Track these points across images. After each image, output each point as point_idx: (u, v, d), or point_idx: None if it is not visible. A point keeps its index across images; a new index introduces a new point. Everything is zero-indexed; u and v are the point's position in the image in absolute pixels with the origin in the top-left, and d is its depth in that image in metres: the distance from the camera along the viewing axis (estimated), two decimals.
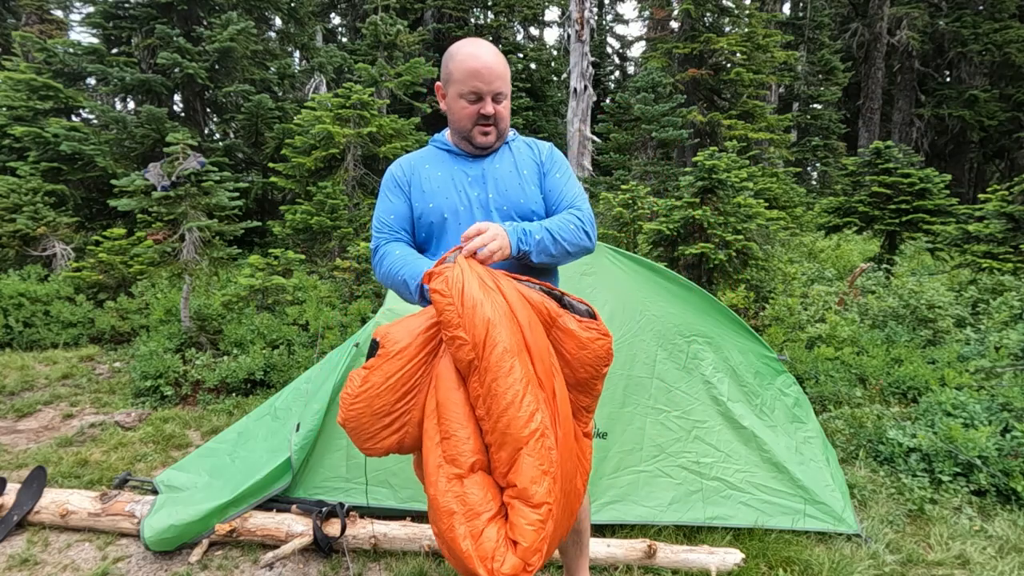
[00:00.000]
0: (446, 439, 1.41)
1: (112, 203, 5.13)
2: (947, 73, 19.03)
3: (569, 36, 11.76)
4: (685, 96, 11.37)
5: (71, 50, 8.76)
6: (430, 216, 1.67)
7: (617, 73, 23.56)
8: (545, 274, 1.70)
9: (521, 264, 1.62)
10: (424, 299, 1.59)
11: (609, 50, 23.31)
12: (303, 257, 6.11)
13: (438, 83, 1.71)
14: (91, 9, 9.26)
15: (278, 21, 12.04)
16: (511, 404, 1.35)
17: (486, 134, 1.65)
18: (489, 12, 16.27)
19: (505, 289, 1.46)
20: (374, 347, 1.51)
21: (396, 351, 1.47)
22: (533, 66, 16.11)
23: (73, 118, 9.10)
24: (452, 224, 1.65)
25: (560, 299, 1.58)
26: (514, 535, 1.34)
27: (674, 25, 13.46)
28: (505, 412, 1.35)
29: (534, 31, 20.25)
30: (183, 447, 3.55)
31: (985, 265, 6.18)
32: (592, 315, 1.58)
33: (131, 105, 10.37)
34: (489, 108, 1.62)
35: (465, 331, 1.37)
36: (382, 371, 1.46)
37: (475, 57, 1.60)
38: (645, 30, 17.16)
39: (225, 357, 4.67)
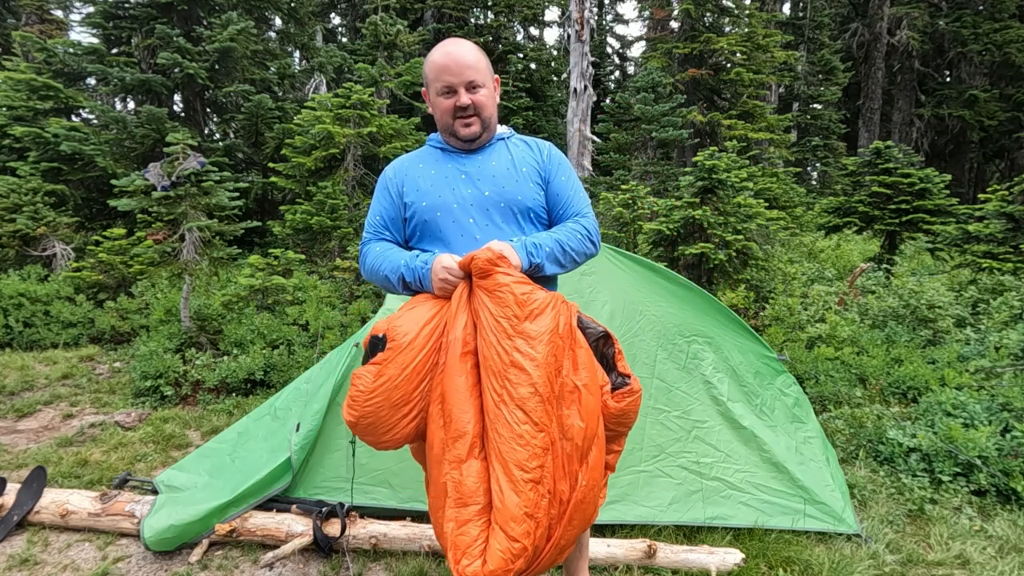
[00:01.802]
0: (448, 422, 1.44)
1: (112, 203, 5.13)
2: (947, 73, 19.03)
3: (569, 36, 11.76)
4: (685, 96, 11.37)
5: (71, 50, 8.76)
6: (424, 214, 1.67)
7: (617, 73, 23.56)
8: (544, 281, 1.69)
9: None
10: (408, 289, 1.65)
11: (609, 50, 23.31)
12: (303, 257, 6.11)
13: (423, 89, 1.72)
14: (91, 9, 9.26)
15: (278, 21, 12.05)
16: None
17: (468, 125, 1.65)
18: (489, 12, 16.27)
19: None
20: (377, 343, 1.52)
21: (407, 342, 1.49)
22: (533, 66, 16.09)
23: (73, 118, 9.10)
24: (445, 221, 1.65)
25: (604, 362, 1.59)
26: (486, 552, 1.36)
27: (674, 25, 13.47)
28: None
29: (534, 31, 20.25)
30: (183, 447, 3.55)
31: (985, 265, 6.18)
32: (627, 382, 1.59)
33: (131, 105, 10.37)
34: (464, 99, 1.62)
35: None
36: (397, 363, 1.48)
37: (443, 54, 1.62)
38: (645, 30, 17.17)
39: (225, 357, 4.67)
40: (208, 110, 9.85)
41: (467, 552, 1.36)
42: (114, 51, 9.26)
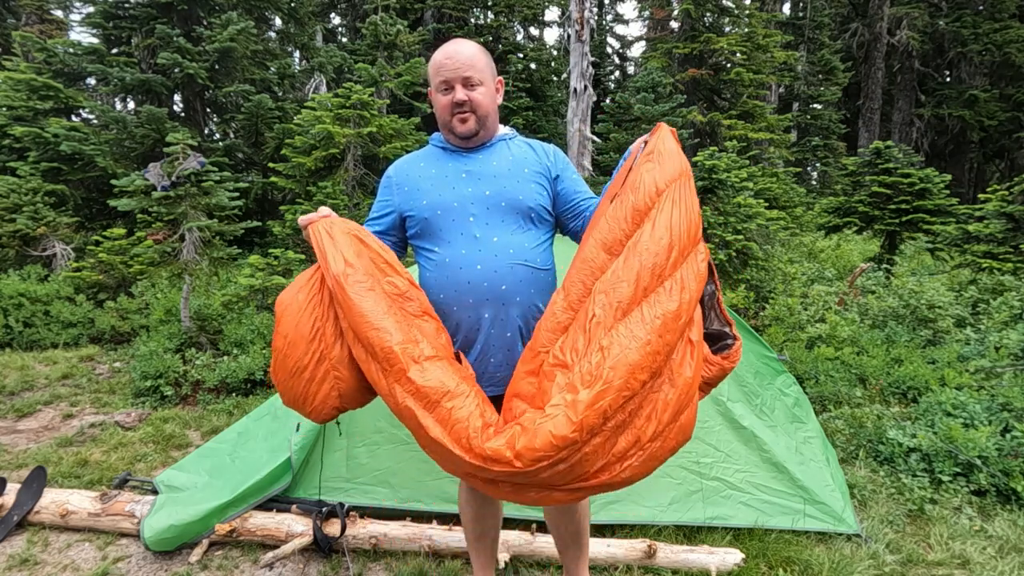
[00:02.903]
0: (372, 349, 1.42)
1: (112, 203, 5.12)
2: (947, 73, 19.03)
3: (569, 36, 11.75)
4: (685, 96, 11.37)
5: (71, 50, 8.76)
6: (423, 212, 1.67)
7: (617, 73, 23.54)
8: (545, 274, 1.69)
9: (529, 270, 1.64)
10: None
11: (609, 50, 23.29)
12: (303, 257, 6.10)
13: (429, 89, 1.75)
14: (91, 9, 9.26)
15: (278, 21, 12.04)
16: None
17: (464, 121, 1.66)
18: (489, 12, 16.26)
19: None
20: None
21: (281, 312, 1.52)
22: (533, 66, 16.08)
23: (73, 118, 9.09)
24: (445, 220, 1.65)
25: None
26: (504, 425, 1.31)
27: (674, 25, 13.46)
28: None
29: (534, 31, 20.24)
30: (183, 447, 3.55)
31: (985, 265, 6.18)
32: (729, 339, 1.54)
33: (131, 105, 10.37)
34: (460, 95, 1.63)
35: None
36: (279, 334, 1.51)
37: (444, 52, 1.66)
38: (645, 30, 17.17)
39: (225, 357, 4.67)
40: (208, 110, 9.85)
41: (469, 433, 1.29)
42: (114, 51, 9.26)
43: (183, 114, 9.65)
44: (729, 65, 12.29)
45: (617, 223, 1.44)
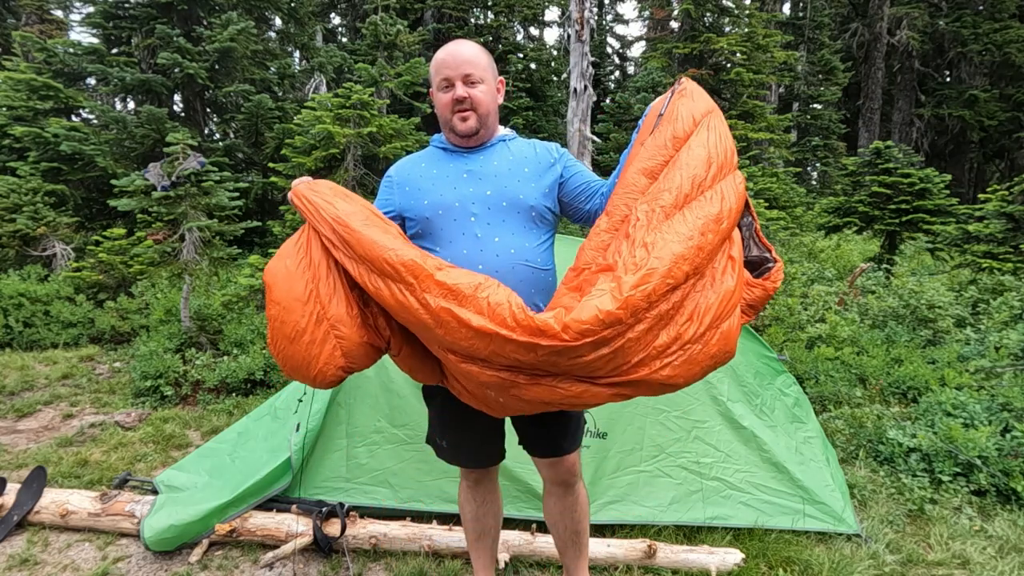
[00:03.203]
0: (391, 268, 1.40)
1: (112, 203, 5.13)
2: (947, 73, 19.03)
3: (569, 36, 11.75)
4: None
5: (71, 50, 8.76)
6: (424, 212, 1.67)
7: (617, 73, 23.54)
8: (544, 272, 1.69)
9: (530, 270, 1.64)
10: None
11: (609, 50, 23.30)
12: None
13: (431, 89, 1.75)
14: (91, 9, 9.26)
15: (278, 21, 12.04)
16: None
17: (464, 119, 1.67)
18: (489, 12, 16.26)
19: None
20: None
21: (271, 280, 1.52)
22: (533, 66, 16.08)
23: (73, 118, 9.10)
24: (446, 220, 1.65)
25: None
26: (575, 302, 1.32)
27: (674, 25, 13.47)
28: None
29: (534, 31, 20.24)
30: (183, 447, 3.55)
31: (985, 265, 6.18)
32: (770, 262, 1.56)
33: (131, 105, 10.37)
34: (461, 91, 1.64)
35: None
36: (272, 301, 1.51)
37: (444, 51, 1.68)
38: (645, 30, 17.18)
39: (225, 357, 4.67)
40: (208, 110, 9.85)
41: (513, 310, 1.30)
42: (114, 51, 9.26)
43: (183, 114, 9.65)
44: (729, 65, 12.29)
45: (658, 150, 1.49)
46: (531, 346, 1.28)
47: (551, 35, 29.52)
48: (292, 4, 11.01)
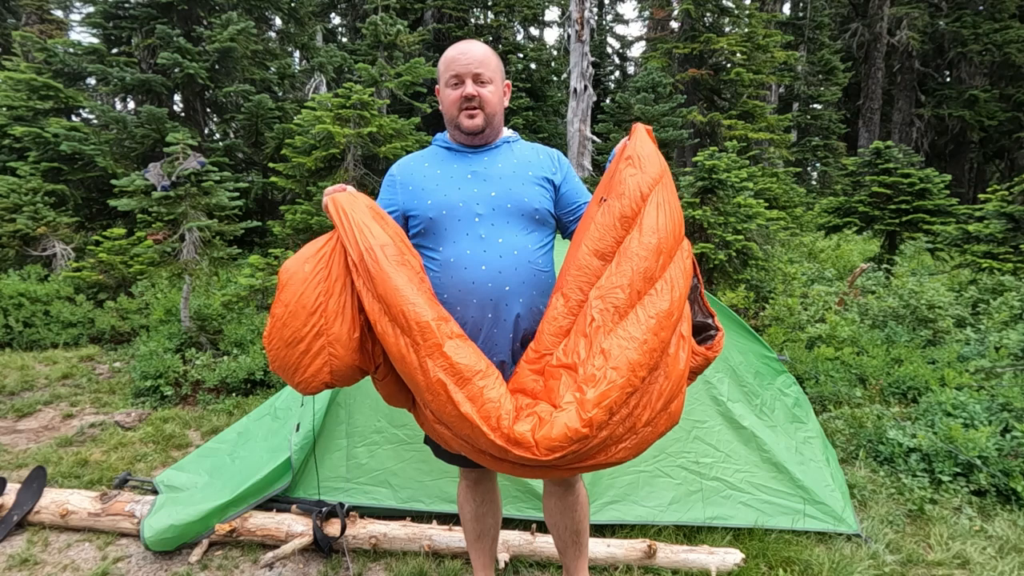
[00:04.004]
0: (404, 321, 1.42)
1: (112, 203, 5.13)
2: (947, 73, 19.04)
3: (569, 36, 11.75)
4: (685, 96, 11.38)
5: (71, 50, 8.77)
6: (428, 212, 1.67)
7: (617, 73, 23.55)
8: (544, 276, 1.70)
9: (533, 271, 1.65)
10: None
11: (609, 50, 23.30)
12: None
13: (437, 87, 1.76)
14: (91, 9, 9.26)
15: (278, 21, 12.04)
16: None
17: (471, 117, 1.67)
18: (489, 12, 16.26)
19: None
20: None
21: (286, 280, 1.51)
22: (533, 66, 16.09)
23: (73, 118, 9.10)
24: (450, 220, 1.65)
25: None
26: (528, 413, 1.37)
27: (674, 25, 13.48)
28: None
29: (534, 31, 20.25)
30: (183, 447, 3.55)
31: (985, 265, 6.18)
32: (712, 330, 1.61)
33: (131, 105, 10.38)
34: (470, 89, 1.64)
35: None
36: (281, 302, 1.50)
37: (455, 49, 1.68)
38: (645, 30, 17.18)
39: (225, 357, 4.67)
40: (208, 110, 9.85)
41: (501, 413, 1.35)
42: (114, 51, 9.26)
43: (183, 114, 9.65)
44: (729, 65, 12.30)
45: (607, 230, 1.51)
46: (504, 451, 1.35)
47: (551, 35, 29.57)
48: (292, 4, 11.01)
